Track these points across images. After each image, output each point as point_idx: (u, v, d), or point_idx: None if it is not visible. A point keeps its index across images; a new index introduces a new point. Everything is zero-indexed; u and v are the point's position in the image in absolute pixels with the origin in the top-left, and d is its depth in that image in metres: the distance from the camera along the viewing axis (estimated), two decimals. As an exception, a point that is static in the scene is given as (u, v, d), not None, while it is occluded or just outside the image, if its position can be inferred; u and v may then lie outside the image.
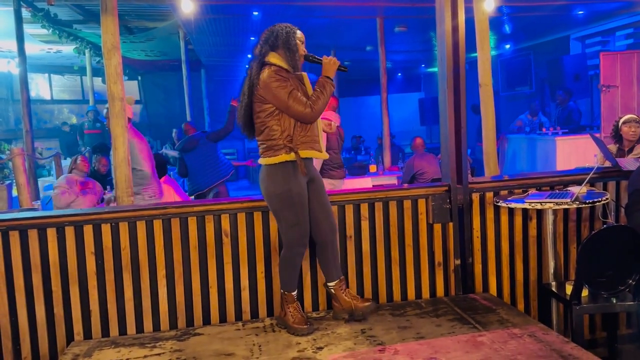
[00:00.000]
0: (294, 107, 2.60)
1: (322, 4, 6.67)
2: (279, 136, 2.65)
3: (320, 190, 2.83)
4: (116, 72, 3.63)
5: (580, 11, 7.90)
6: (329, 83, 2.68)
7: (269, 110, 2.65)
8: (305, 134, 2.68)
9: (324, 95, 2.65)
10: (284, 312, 2.85)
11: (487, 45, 4.37)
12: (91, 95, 10.43)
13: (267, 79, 2.61)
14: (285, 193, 2.67)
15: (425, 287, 3.29)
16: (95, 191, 5.12)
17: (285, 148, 2.65)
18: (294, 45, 2.66)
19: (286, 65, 2.66)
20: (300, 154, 2.65)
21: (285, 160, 2.65)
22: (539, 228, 3.36)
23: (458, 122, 3.24)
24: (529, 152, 8.13)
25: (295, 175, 2.67)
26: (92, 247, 2.95)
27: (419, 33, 9.18)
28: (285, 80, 2.62)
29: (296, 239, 2.75)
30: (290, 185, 2.66)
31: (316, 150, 2.73)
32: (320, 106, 2.63)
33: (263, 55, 2.69)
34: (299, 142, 2.66)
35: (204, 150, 6.22)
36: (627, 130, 3.95)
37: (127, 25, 8.54)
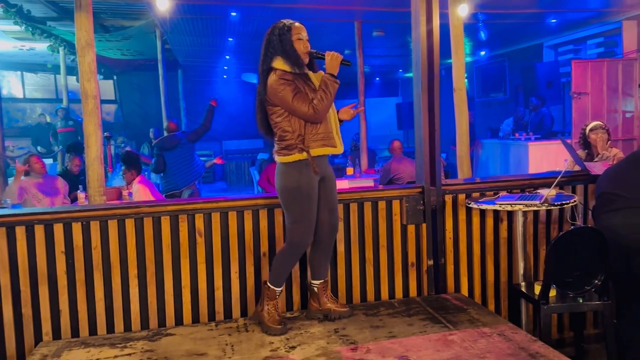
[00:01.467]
0: (298, 108, 2.63)
1: (300, 6, 6.69)
2: (291, 136, 2.69)
3: (331, 188, 2.86)
4: (90, 70, 3.59)
5: (553, 20, 8.09)
6: (332, 80, 2.68)
7: (279, 112, 2.70)
8: (317, 131, 2.71)
9: (328, 93, 2.65)
10: (262, 307, 2.84)
11: (461, 50, 4.45)
12: (65, 94, 10.25)
13: (272, 83, 2.66)
14: (295, 189, 2.70)
15: (398, 287, 3.32)
16: (58, 190, 4.97)
17: (298, 148, 2.68)
18: (289, 47, 2.67)
19: (289, 67, 2.68)
20: (312, 152, 2.69)
21: (298, 159, 2.69)
22: (510, 230, 3.43)
23: (432, 125, 3.29)
24: (502, 157, 8.28)
25: (306, 173, 2.70)
26: (63, 246, 2.90)
27: (396, 38, 9.27)
28: (289, 83, 2.65)
29: (298, 236, 2.75)
30: (301, 182, 2.69)
31: (329, 146, 2.75)
32: (324, 105, 2.64)
33: (269, 62, 2.73)
34: (310, 141, 2.69)
35: (184, 150, 6.23)
36: (594, 136, 4.06)
37: (103, 24, 8.42)
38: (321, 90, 2.66)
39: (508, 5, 6.98)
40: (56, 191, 4.94)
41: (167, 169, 6.22)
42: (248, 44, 9.19)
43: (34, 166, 4.93)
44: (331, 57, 2.70)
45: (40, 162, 5.01)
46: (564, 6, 7.41)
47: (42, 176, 4.96)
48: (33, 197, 4.73)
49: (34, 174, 4.89)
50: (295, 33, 2.70)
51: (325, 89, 2.66)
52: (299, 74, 2.70)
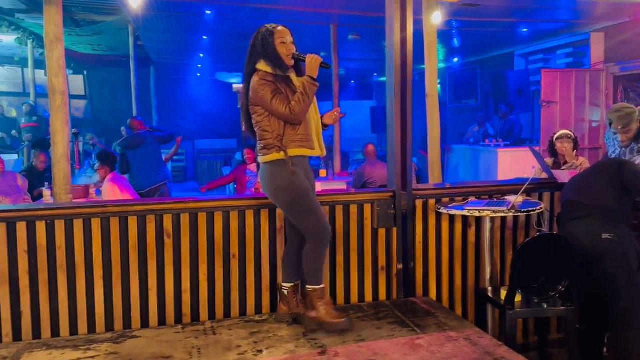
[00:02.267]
0: (277, 109, 2.65)
1: (276, 7, 6.67)
2: (270, 136, 2.71)
3: (312, 188, 2.84)
4: (58, 65, 3.51)
5: (524, 29, 8.26)
6: (311, 83, 2.69)
7: (260, 112, 2.72)
8: (296, 132, 2.71)
9: (306, 96, 2.67)
10: (316, 310, 2.75)
11: (434, 57, 4.50)
12: (32, 88, 9.99)
13: (254, 84, 2.70)
14: (288, 186, 2.69)
15: (368, 290, 3.33)
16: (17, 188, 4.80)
17: (276, 147, 2.69)
18: (272, 51, 2.70)
19: (272, 69, 2.71)
20: (289, 152, 2.69)
21: (277, 159, 2.69)
22: (478, 235, 3.48)
23: (404, 130, 3.32)
24: (472, 163, 8.41)
25: (291, 170, 2.69)
26: (25, 245, 2.82)
27: (372, 42, 9.32)
28: (270, 84, 2.67)
29: (317, 227, 2.71)
30: (292, 177, 2.69)
31: (307, 148, 2.75)
32: (302, 107, 2.65)
33: (253, 65, 2.76)
34: (288, 141, 2.70)
35: (149, 149, 6.08)
36: (560, 145, 4.16)
37: (73, 18, 8.22)
38: (299, 93, 2.69)
39: (481, 14, 7.10)
40: (17, 189, 4.78)
41: (131, 169, 6.09)
42: (222, 42, 9.11)
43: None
44: (311, 59, 2.72)
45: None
46: (535, 17, 7.57)
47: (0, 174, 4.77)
48: None
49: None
50: (279, 37, 2.73)
51: (304, 91, 2.68)
52: (282, 76, 2.72)
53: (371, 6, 6.30)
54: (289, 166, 2.69)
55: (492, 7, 6.71)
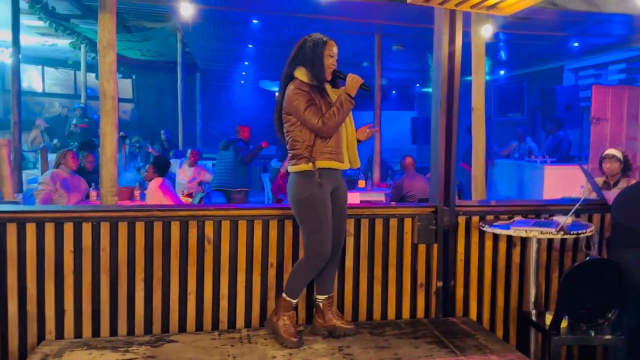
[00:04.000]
0: (308, 120, 2.66)
1: (322, 17, 6.70)
2: (300, 146, 2.72)
3: (341, 202, 2.85)
4: (110, 70, 3.60)
5: (575, 43, 8.03)
6: (348, 100, 2.71)
7: (292, 121, 2.73)
8: (326, 145, 2.72)
9: (341, 112, 2.68)
10: (277, 318, 2.81)
11: (482, 70, 4.41)
12: (83, 90, 10.36)
13: (289, 92, 2.71)
14: (307, 199, 2.70)
15: (405, 307, 3.27)
16: (80, 189, 5.03)
17: (305, 158, 2.70)
18: (318, 60, 2.71)
19: (309, 79, 2.72)
20: (317, 164, 2.69)
21: (305, 170, 2.70)
22: (523, 255, 3.36)
23: (449, 145, 3.25)
24: (516, 178, 8.19)
25: (317, 182, 2.69)
26: (71, 246, 2.89)
27: (415, 53, 9.26)
28: (305, 93, 2.68)
29: (316, 247, 2.72)
30: (314, 191, 2.69)
31: (336, 161, 2.75)
32: (335, 122, 2.67)
33: (292, 70, 2.77)
34: (317, 153, 2.70)
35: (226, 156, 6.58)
36: (604, 166, 3.99)
37: (125, 24, 8.51)
38: (335, 107, 2.69)
39: (531, 27, 6.93)
40: (79, 190, 5.00)
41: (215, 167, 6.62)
42: (267, 51, 9.23)
43: (69, 161, 5.03)
44: (352, 79, 2.74)
45: (75, 159, 5.10)
46: (587, 31, 7.35)
47: (70, 172, 5.03)
48: (56, 190, 4.77)
49: (64, 168, 4.97)
50: (329, 49, 2.75)
51: (340, 107, 2.69)
52: (317, 86, 2.73)
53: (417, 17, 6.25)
54: (316, 178, 2.68)
55: (543, 20, 6.54)
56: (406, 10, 4.76)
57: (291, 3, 6.20)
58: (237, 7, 6.64)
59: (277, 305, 2.85)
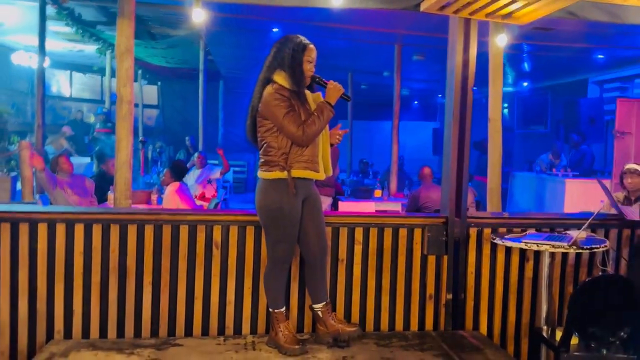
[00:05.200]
0: (287, 127, 2.60)
1: (342, 26, 6.72)
2: (275, 153, 2.66)
3: (315, 209, 2.80)
4: (127, 76, 3.65)
5: (600, 55, 7.88)
6: (328, 109, 2.65)
7: (268, 126, 2.67)
8: (302, 153, 2.66)
9: (320, 120, 2.62)
10: (275, 332, 2.80)
11: (499, 80, 4.35)
12: (107, 95, 10.57)
13: (267, 96, 2.63)
14: (275, 210, 2.66)
15: (414, 318, 3.22)
16: (85, 188, 5.02)
17: (279, 166, 2.65)
18: (297, 66, 2.64)
19: (289, 84, 2.66)
20: (292, 173, 2.64)
21: (279, 178, 2.64)
22: (535, 270, 3.29)
23: (461, 155, 3.21)
24: (537, 192, 8.05)
25: (287, 193, 2.64)
26: (82, 247, 2.93)
27: (437, 63, 9.19)
28: (285, 100, 2.62)
29: (279, 256, 2.74)
30: (282, 202, 2.65)
31: (312, 170, 2.70)
32: (314, 130, 2.61)
33: (270, 72, 2.70)
34: (293, 161, 2.65)
35: None
36: (625, 180, 3.89)
37: (150, 31, 8.66)
38: (315, 116, 2.63)
39: (554, 39, 6.83)
40: (84, 191, 5.02)
41: None
42: (289, 59, 9.27)
43: (62, 166, 4.97)
44: (334, 87, 2.69)
45: (68, 162, 5.06)
46: (613, 43, 7.21)
47: (69, 175, 5.01)
48: (64, 191, 4.80)
49: (62, 174, 4.93)
50: (308, 54, 2.68)
51: (320, 115, 2.63)
52: (297, 92, 2.67)
53: (438, 27, 6.21)
54: (291, 188, 2.63)
55: (567, 31, 6.45)
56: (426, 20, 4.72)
57: (312, 12, 6.23)
58: (258, 16, 6.70)
59: (271, 321, 2.83)
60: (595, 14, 3.59)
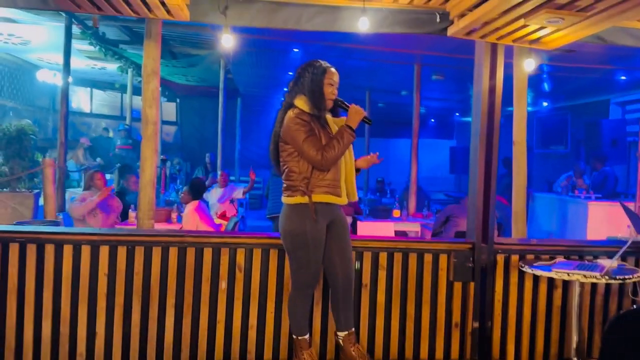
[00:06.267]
0: (307, 151, 2.60)
1: (361, 47, 6.73)
2: (296, 177, 2.66)
3: (341, 235, 2.77)
4: (153, 97, 3.69)
5: (622, 76, 7.79)
6: (348, 133, 2.64)
7: (289, 151, 2.68)
8: (323, 177, 2.66)
9: (340, 144, 2.61)
10: (296, 358, 2.76)
11: (524, 103, 4.31)
12: (128, 113, 10.69)
13: (288, 121, 2.64)
14: (299, 235, 2.65)
15: (439, 347, 3.15)
16: (114, 208, 5.09)
17: (300, 190, 2.64)
18: (319, 90, 2.65)
19: (310, 109, 2.66)
20: (314, 197, 2.63)
21: (301, 203, 2.63)
22: (564, 299, 3.21)
23: (488, 181, 3.16)
24: (558, 213, 7.91)
25: (309, 218, 2.63)
26: (106, 268, 2.93)
27: (456, 82, 9.18)
28: (305, 124, 2.62)
29: (303, 281, 2.71)
30: (306, 227, 2.63)
31: (333, 195, 2.68)
32: (333, 155, 2.60)
33: (292, 97, 2.72)
34: (314, 186, 2.64)
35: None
36: None
37: (171, 50, 8.77)
38: (335, 140, 2.62)
39: (576, 60, 6.77)
40: (111, 209, 5.05)
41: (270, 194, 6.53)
42: (307, 78, 9.31)
43: (96, 182, 5.05)
44: (355, 111, 2.67)
45: (103, 179, 5.14)
46: (635, 64, 7.13)
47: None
48: (91, 212, 4.82)
49: (95, 190, 4.99)
50: (329, 77, 2.68)
51: (340, 139, 2.61)
52: (317, 116, 2.66)
53: (458, 48, 6.20)
54: (312, 213, 2.61)
55: (589, 52, 6.39)
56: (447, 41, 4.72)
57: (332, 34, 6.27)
58: (278, 37, 6.75)
59: (294, 348, 2.80)
60: (623, 38, 3.56)
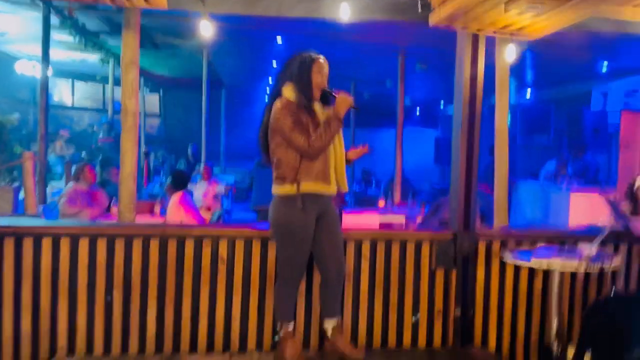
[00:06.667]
0: (294, 140, 2.59)
1: (345, 37, 6.71)
2: (285, 167, 2.64)
3: (332, 225, 2.77)
4: (132, 87, 3.63)
5: (604, 67, 7.87)
6: (336, 121, 2.62)
7: (278, 141, 2.65)
8: (312, 166, 2.63)
9: (328, 133, 2.60)
10: (282, 349, 2.77)
11: (506, 93, 4.31)
12: (110, 105, 10.56)
13: (276, 111, 2.63)
14: (284, 225, 2.64)
15: (422, 334, 3.18)
16: (100, 202, 5.07)
17: (289, 180, 2.61)
18: (306, 78, 2.64)
19: (297, 98, 2.64)
20: (302, 186, 2.61)
21: (289, 193, 2.61)
22: (545, 285, 3.25)
23: (469, 169, 3.18)
24: (541, 202, 8.00)
25: (299, 209, 2.61)
26: (86, 261, 2.90)
27: (439, 72, 9.20)
28: (292, 114, 2.60)
29: (288, 273, 2.71)
30: (293, 218, 2.62)
31: (322, 183, 2.67)
32: (321, 143, 2.59)
33: (279, 87, 2.70)
34: (303, 175, 2.62)
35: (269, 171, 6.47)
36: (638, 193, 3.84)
37: (153, 41, 8.65)
38: (322, 128, 2.61)
39: (558, 49, 6.82)
40: (97, 203, 5.03)
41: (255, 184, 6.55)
42: (291, 69, 9.29)
43: (86, 175, 5.05)
44: (342, 99, 2.65)
45: (92, 172, 5.13)
46: (616, 53, 7.20)
47: (89, 186, 5.07)
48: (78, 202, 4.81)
49: (83, 182, 5.00)
50: (318, 66, 2.67)
51: (327, 128, 2.60)
52: (305, 106, 2.65)
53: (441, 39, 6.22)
54: (298, 203, 2.60)
55: (570, 42, 6.43)
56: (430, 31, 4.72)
57: (316, 24, 6.23)
58: (262, 27, 6.70)
59: (278, 338, 2.81)
60: (604, 25, 3.59)
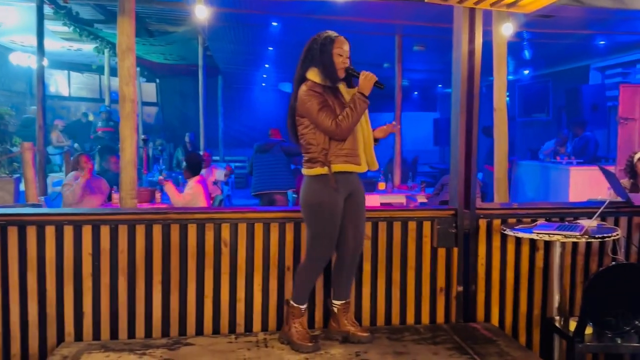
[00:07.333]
0: (322, 122, 2.60)
1: (341, 18, 6.67)
2: (315, 149, 2.66)
3: (358, 206, 2.78)
4: (129, 74, 3.63)
5: (601, 41, 7.84)
6: (361, 100, 2.62)
7: (306, 124, 2.68)
8: (342, 147, 2.65)
9: (355, 112, 2.60)
10: (289, 327, 2.78)
11: (503, 70, 4.32)
12: (107, 94, 10.53)
13: (302, 94, 2.65)
14: (316, 205, 2.67)
15: (425, 312, 3.21)
16: (102, 190, 5.09)
17: (320, 162, 2.65)
18: (328, 59, 2.64)
19: (322, 80, 2.66)
20: (333, 167, 2.63)
21: (321, 174, 2.64)
22: (546, 260, 3.27)
23: (469, 146, 3.18)
24: (541, 180, 8.02)
25: (328, 188, 2.64)
26: (90, 248, 2.91)
27: (437, 53, 9.15)
28: (318, 95, 2.62)
29: (317, 252, 2.71)
30: (323, 197, 2.65)
31: (353, 163, 2.68)
32: (348, 123, 2.59)
33: (303, 72, 2.72)
34: (333, 156, 2.64)
35: (273, 156, 6.46)
36: (638, 168, 3.86)
37: (148, 28, 8.60)
38: (349, 108, 2.61)
39: (555, 26, 6.78)
40: (98, 190, 5.05)
41: (255, 171, 6.53)
42: (288, 53, 9.22)
43: (83, 164, 5.07)
44: (365, 77, 2.64)
45: (89, 162, 5.14)
46: (614, 28, 7.16)
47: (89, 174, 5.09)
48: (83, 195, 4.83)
49: (82, 171, 5.02)
50: (337, 46, 2.66)
51: (353, 107, 2.61)
52: (330, 87, 2.66)
53: (438, 17, 6.17)
54: (332, 183, 2.63)
55: (568, 18, 6.40)
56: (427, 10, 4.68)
57: (311, 6, 6.18)
58: (255, 10, 6.65)
59: (287, 314, 2.82)
60: (601, 0, 3.57)
